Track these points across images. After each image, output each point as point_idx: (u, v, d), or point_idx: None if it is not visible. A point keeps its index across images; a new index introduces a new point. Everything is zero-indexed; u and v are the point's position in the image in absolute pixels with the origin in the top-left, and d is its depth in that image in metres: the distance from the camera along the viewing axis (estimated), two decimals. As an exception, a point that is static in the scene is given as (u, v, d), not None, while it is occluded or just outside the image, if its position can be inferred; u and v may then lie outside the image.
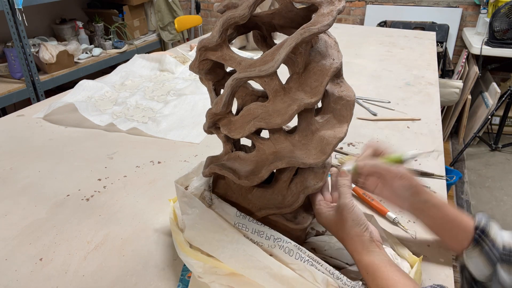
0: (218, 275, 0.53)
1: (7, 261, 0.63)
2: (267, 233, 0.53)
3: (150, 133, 1.05)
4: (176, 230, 0.60)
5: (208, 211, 0.57)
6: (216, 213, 0.57)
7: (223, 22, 0.47)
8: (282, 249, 0.52)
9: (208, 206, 0.58)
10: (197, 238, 0.56)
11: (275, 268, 0.50)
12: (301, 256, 0.50)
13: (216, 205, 0.58)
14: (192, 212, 0.58)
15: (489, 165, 2.59)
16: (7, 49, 2.20)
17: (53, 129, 1.08)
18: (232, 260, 0.52)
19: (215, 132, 0.56)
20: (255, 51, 1.78)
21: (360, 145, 0.97)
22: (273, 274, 0.50)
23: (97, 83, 1.36)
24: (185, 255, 0.55)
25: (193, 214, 0.58)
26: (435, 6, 3.04)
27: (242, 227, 0.55)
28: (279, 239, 0.52)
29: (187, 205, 0.59)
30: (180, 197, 0.60)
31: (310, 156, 0.50)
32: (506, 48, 2.54)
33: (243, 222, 0.55)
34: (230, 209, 0.57)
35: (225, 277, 0.53)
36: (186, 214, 0.59)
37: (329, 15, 0.44)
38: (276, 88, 0.48)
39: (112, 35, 2.89)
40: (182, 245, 0.57)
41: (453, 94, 2.55)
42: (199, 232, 0.56)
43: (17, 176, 0.86)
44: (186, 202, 0.59)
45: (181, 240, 0.58)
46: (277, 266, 0.50)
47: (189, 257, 0.55)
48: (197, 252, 0.55)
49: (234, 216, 0.56)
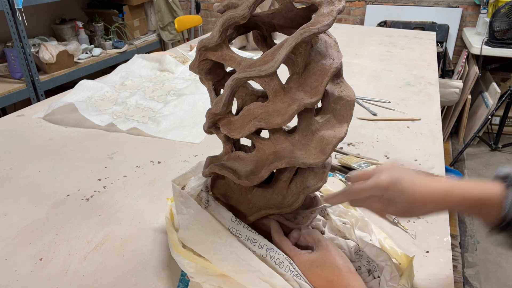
0: (209, 276, 0.54)
1: (7, 261, 0.63)
2: (261, 242, 0.53)
3: (150, 133, 1.05)
4: (171, 229, 0.60)
5: (203, 212, 0.57)
6: (211, 215, 0.57)
7: (223, 22, 0.47)
8: (273, 260, 0.52)
9: (204, 208, 0.58)
10: (190, 239, 0.56)
11: (266, 274, 0.50)
12: (290, 270, 0.51)
13: (212, 207, 0.58)
14: (187, 212, 0.58)
15: (489, 165, 2.59)
16: (7, 49, 2.20)
17: (53, 129, 1.08)
18: (224, 263, 0.53)
19: (215, 132, 0.56)
20: (255, 51, 1.78)
21: (360, 145, 0.97)
22: (263, 279, 0.50)
23: (97, 83, 1.36)
24: (177, 255, 0.56)
25: (188, 214, 0.58)
26: (435, 6, 3.04)
27: (236, 233, 0.55)
28: (271, 250, 0.53)
29: (182, 205, 0.59)
30: (176, 197, 0.60)
31: (310, 156, 0.50)
32: (506, 48, 2.54)
33: (238, 228, 0.55)
34: (226, 213, 0.57)
35: (216, 278, 0.53)
36: (181, 214, 0.59)
37: (329, 15, 0.44)
38: (276, 88, 0.48)
39: (112, 35, 2.89)
40: (175, 245, 0.57)
41: (453, 94, 2.55)
42: (193, 232, 0.56)
43: (17, 176, 0.86)
44: (182, 202, 0.59)
45: (175, 239, 0.58)
46: (268, 272, 0.50)
47: (181, 257, 0.55)
48: (190, 253, 0.55)
49: (229, 221, 0.56)
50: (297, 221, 0.58)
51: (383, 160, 0.90)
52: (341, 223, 0.63)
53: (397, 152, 0.94)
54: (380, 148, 0.96)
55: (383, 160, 0.90)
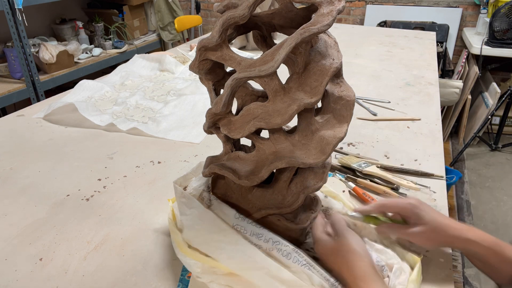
0: (217, 275, 0.53)
1: (7, 261, 0.63)
2: (266, 235, 0.53)
3: (150, 133, 1.05)
4: (175, 230, 0.60)
5: (206, 212, 0.57)
6: (215, 214, 0.57)
7: (223, 22, 0.47)
8: (280, 252, 0.52)
9: (207, 207, 0.58)
10: (195, 239, 0.56)
11: (273, 270, 0.50)
12: (298, 260, 0.51)
13: (215, 206, 0.58)
14: (190, 212, 0.58)
15: (489, 165, 2.59)
16: (7, 49, 2.20)
17: (53, 129, 1.08)
18: (231, 261, 0.52)
19: (215, 132, 0.56)
20: (255, 51, 1.78)
21: (360, 145, 0.97)
22: (271, 276, 0.50)
23: (97, 83, 1.36)
24: (183, 255, 0.55)
25: (191, 215, 0.58)
26: (435, 6, 3.04)
27: (241, 229, 0.55)
28: (277, 242, 0.53)
29: (185, 205, 0.59)
30: (178, 198, 0.60)
31: (310, 156, 0.50)
32: (506, 48, 2.54)
33: (242, 224, 0.55)
34: (229, 210, 0.57)
35: (224, 277, 0.53)
36: (184, 215, 0.59)
37: (329, 15, 0.44)
38: (276, 88, 0.48)
39: (112, 35, 2.89)
40: (180, 245, 0.57)
41: (453, 94, 2.55)
42: (198, 232, 0.56)
43: (17, 176, 0.86)
44: (185, 202, 0.59)
45: (180, 240, 0.58)
46: (275, 268, 0.50)
47: (188, 257, 0.55)
48: (196, 252, 0.55)
49: (233, 218, 0.56)
50: (297, 221, 0.58)
51: (383, 160, 0.90)
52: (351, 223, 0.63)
53: (397, 152, 0.94)
54: (380, 148, 0.96)
55: (383, 160, 0.90)
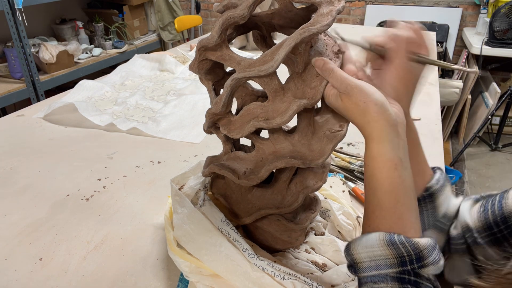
0: (202, 275, 0.54)
1: (7, 261, 0.63)
2: (244, 246, 0.54)
3: (150, 133, 1.05)
4: (168, 228, 0.60)
5: (195, 212, 0.57)
6: (203, 215, 0.57)
7: (222, 22, 0.47)
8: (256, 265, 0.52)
9: (200, 207, 0.58)
10: (183, 238, 0.56)
11: (254, 276, 0.50)
12: (275, 274, 0.51)
13: (206, 207, 0.58)
14: (181, 211, 0.58)
15: (489, 165, 2.59)
16: (7, 49, 2.20)
17: (53, 129, 1.08)
18: (214, 263, 0.53)
19: (214, 132, 0.56)
20: (255, 51, 1.78)
21: (360, 145, 0.97)
22: (252, 280, 0.50)
23: (97, 83, 1.36)
24: (173, 254, 0.56)
25: (181, 214, 0.58)
26: (435, 6, 3.04)
27: (225, 233, 0.55)
28: (252, 256, 0.53)
29: (178, 204, 0.60)
30: (173, 196, 0.61)
31: (309, 156, 0.50)
32: (506, 48, 2.54)
33: (226, 229, 0.56)
34: (218, 213, 0.57)
35: (209, 278, 0.54)
36: (176, 213, 0.59)
37: (328, 15, 0.44)
38: (276, 88, 0.48)
39: (112, 35, 2.89)
40: (171, 244, 0.57)
41: (453, 94, 2.55)
42: (186, 232, 0.56)
43: (17, 176, 0.86)
44: (178, 201, 0.60)
45: (170, 238, 0.58)
46: (257, 274, 0.51)
47: (176, 256, 0.55)
48: (184, 252, 0.55)
49: (219, 221, 0.56)
50: (297, 220, 0.58)
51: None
52: (345, 223, 0.63)
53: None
54: (380, 148, 0.96)
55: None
